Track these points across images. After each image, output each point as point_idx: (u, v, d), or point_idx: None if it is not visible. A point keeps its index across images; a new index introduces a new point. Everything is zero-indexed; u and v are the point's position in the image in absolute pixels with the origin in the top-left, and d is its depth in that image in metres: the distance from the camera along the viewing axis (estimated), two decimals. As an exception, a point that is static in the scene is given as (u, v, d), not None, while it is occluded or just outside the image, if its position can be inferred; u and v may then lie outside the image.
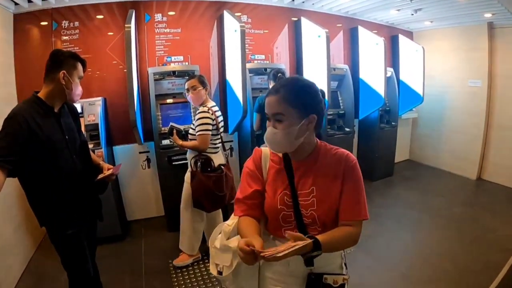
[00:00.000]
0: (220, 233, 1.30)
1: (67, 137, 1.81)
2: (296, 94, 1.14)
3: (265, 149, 1.31)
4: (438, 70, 5.21)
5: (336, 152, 1.23)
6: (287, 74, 3.56)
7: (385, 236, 3.42)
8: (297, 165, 1.24)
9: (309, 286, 1.20)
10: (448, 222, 3.63)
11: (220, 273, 1.26)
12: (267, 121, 1.20)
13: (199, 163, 2.70)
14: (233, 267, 1.22)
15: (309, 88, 1.18)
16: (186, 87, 2.81)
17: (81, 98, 3.09)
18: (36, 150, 1.62)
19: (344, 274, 1.25)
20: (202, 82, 2.78)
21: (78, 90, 1.81)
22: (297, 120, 1.13)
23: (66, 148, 1.79)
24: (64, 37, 3.41)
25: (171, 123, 2.89)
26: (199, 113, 2.67)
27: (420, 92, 5.00)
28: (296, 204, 1.20)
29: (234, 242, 1.21)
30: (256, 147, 1.36)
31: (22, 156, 1.55)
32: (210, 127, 2.65)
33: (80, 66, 1.81)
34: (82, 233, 1.91)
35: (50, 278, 2.74)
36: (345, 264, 1.31)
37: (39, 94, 1.74)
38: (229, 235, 1.26)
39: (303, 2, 4.21)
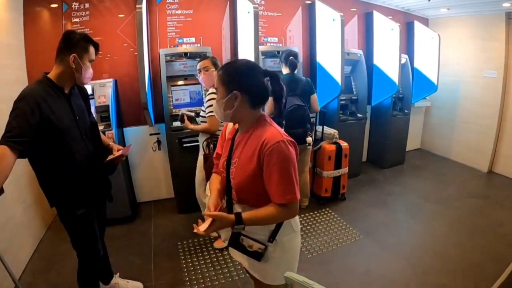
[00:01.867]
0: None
1: (77, 118, 1.80)
2: (227, 73, 1.32)
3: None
4: (453, 59, 5.07)
5: (265, 133, 1.29)
6: (300, 57, 3.49)
7: (394, 224, 3.40)
8: (239, 137, 1.41)
9: (231, 240, 1.39)
10: (457, 213, 3.58)
11: None
12: None
13: (211, 146, 2.68)
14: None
15: (241, 68, 1.33)
16: (198, 67, 2.81)
17: (91, 80, 3.11)
18: (46, 131, 1.61)
19: (261, 243, 1.38)
20: (215, 64, 2.78)
21: (88, 73, 1.79)
22: (224, 95, 1.31)
23: (76, 129, 1.79)
24: (75, 19, 3.37)
25: (181, 111, 2.91)
26: (209, 94, 2.65)
27: (434, 80, 4.89)
28: (228, 170, 1.41)
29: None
30: None
31: (33, 137, 1.54)
32: None
33: (92, 49, 1.78)
34: (92, 213, 1.93)
35: (60, 259, 2.78)
36: (272, 239, 1.39)
37: (49, 75, 1.73)
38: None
39: (318, -16, 4.11)
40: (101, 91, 3.24)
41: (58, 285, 2.52)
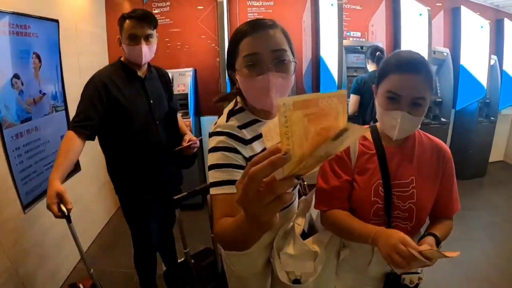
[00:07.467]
0: (287, 237, 1.13)
1: (151, 101, 1.74)
2: (432, 73, 1.03)
3: None
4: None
5: (433, 140, 1.16)
6: (385, 54, 3.31)
7: (469, 242, 3.04)
8: (392, 150, 1.10)
9: (387, 286, 1.15)
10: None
11: (297, 281, 1.08)
12: (389, 103, 1.02)
13: None
14: (317, 273, 1.07)
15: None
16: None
17: (171, 68, 3.22)
18: (115, 113, 1.61)
19: (419, 273, 1.14)
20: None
21: (132, 50, 1.64)
22: (428, 103, 1.04)
23: (149, 113, 1.74)
24: (155, 10, 3.52)
25: None
26: None
27: (526, 85, 4.40)
28: (389, 196, 1.07)
29: (315, 245, 1.09)
30: None
31: (99, 120, 1.55)
32: None
33: (127, 24, 1.63)
34: (150, 203, 1.86)
35: (127, 237, 2.86)
36: None
37: (122, 58, 1.74)
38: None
39: (403, -22, 3.89)
40: (180, 79, 3.32)
41: (120, 263, 2.60)
